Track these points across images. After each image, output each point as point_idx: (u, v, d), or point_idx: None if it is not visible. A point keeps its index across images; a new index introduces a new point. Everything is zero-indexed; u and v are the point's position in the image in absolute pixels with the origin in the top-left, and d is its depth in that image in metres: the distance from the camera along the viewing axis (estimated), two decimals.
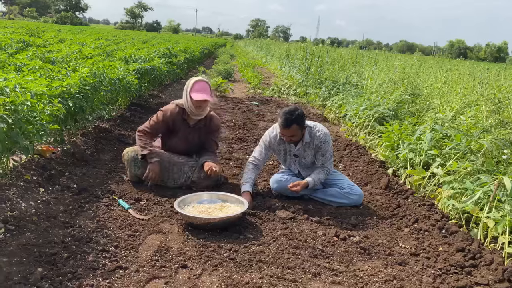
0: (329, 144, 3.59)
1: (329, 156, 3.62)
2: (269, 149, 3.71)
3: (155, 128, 3.78)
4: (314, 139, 3.56)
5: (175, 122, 3.77)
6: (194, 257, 2.58)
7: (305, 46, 14.01)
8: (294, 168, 3.76)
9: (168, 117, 3.75)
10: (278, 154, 3.77)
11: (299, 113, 3.38)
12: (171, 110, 3.76)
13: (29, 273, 2.23)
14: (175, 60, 10.90)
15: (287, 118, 3.35)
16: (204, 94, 3.59)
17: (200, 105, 3.64)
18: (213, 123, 3.86)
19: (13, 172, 3.32)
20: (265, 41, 37.07)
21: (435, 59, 15.99)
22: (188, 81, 3.72)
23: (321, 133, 3.56)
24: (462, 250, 2.79)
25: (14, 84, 2.98)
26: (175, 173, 3.74)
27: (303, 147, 3.60)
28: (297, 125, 3.39)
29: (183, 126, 3.79)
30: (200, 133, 3.84)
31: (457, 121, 5.04)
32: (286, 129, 3.40)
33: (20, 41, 10.10)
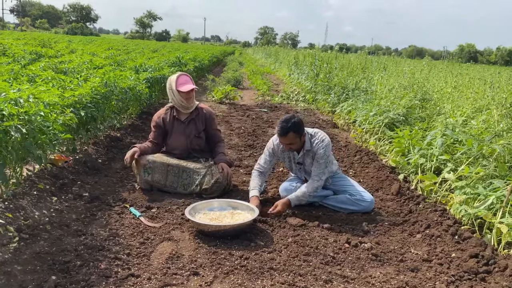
0: (325, 151, 3.44)
1: (324, 164, 3.46)
2: (274, 156, 3.71)
3: (155, 137, 4.02)
4: (313, 147, 3.51)
5: (167, 122, 3.99)
6: (206, 264, 2.59)
7: (313, 52, 14.00)
8: (301, 175, 3.75)
9: (158, 121, 3.99)
10: (283, 162, 3.78)
11: (295, 121, 3.34)
12: (159, 113, 4.05)
13: (43, 281, 2.26)
14: (184, 68, 10.99)
15: (283, 127, 3.33)
16: (190, 84, 3.86)
17: (189, 96, 3.86)
18: (204, 111, 4.03)
19: (27, 181, 3.37)
20: (274, 48, 37.18)
21: (445, 64, 15.89)
22: (168, 80, 3.95)
23: (319, 140, 3.48)
24: (475, 256, 2.76)
25: (28, 95, 3.03)
26: (185, 179, 3.77)
27: (304, 155, 3.58)
28: (294, 133, 3.35)
29: (176, 123, 3.97)
30: (196, 125, 3.95)
31: (468, 125, 5.00)
32: (283, 137, 3.39)
33: (33, 52, 10.26)
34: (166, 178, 3.78)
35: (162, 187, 3.78)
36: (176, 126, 3.97)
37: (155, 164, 3.77)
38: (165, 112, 4.03)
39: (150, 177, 3.75)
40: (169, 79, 3.94)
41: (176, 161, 3.83)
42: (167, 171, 3.77)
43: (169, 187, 3.78)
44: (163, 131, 4.01)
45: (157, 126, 4.00)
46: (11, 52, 9.50)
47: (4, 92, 2.94)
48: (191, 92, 3.85)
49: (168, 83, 3.92)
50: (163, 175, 3.77)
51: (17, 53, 9.39)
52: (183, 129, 3.93)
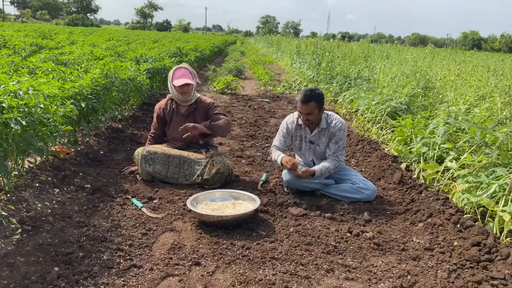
0: (344, 133, 3.63)
1: (342, 146, 3.64)
2: (288, 136, 3.75)
3: (157, 127, 4.07)
4: (330, 127, 3.61)
5: (167, 113, 4.01)
6: (207, 254, 2.60)
7: (315, 41, 13.93)
8: (309, 156, 3.74)
9: (160, 112, 4.03)
10: (295, 141, 3.79)
11: (318, 92, 3.49)
12: (160, 104, 4.08)
13: (46, 272, 2.27)
14: (185, 59, 10.94)
15: (307, 94, 3.45)
16: (185, 79, 3.80)
17: (184, 91, 3.83)
18: (204, 103, 3.99)
19: (29, 173, 3.38)
20: (275, 38, 36.97)
21: (448, 51, 15.77)
22: (169, 72, 3.95)
23: (338, 121, 3.64)
24: (477, 245, 2.76)
25: (27, 87, 3.02)
26: (186, 169, 3.77)
27: (319, 133, 3.64)
28: (316, 103, 3.46)
29: (176, 115, 3.98)
30: (195, 118, 3.94)
31: (471, 114, 4.97)
32: (304, 105, 3.46)
33: (33, 44, 10.23)
34: (168, 169, 3.78)
35: (163, 178, 3.79)
36: (175, 119, 3.97)
37: (156, 155, 3.77)
38: (165, 103, 4.05)
39: (151, 168, 3.76)
40: (170, 70, 3.96)
41: (177, 152, 3.83)
42: (168, 162, 3.78)
43: (171, 178, 3.78)
44: (164, 122, 4.05)
45: (158, 117, 4.05)
46: (11, 44, 9.48)
47: (4, 84, 2.93)
48: (185, 86, 3.81)
49: (168, 75, 3.96)
50: (165, 166, 3.77)
51: (17, 45, 9.37)
52: (181, 122, 3.88)
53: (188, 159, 3.78)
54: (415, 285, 2.38)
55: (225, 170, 3.73)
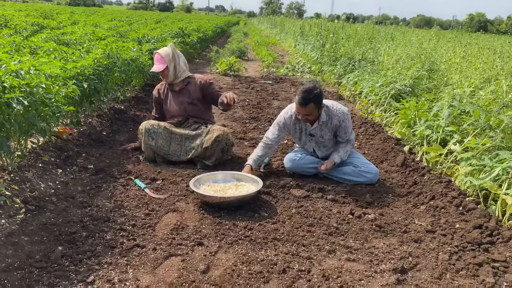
0: (349, 121, 3.57)
1: (351, 129, 3.64)
2: (283, 130, 3.66)
3: (156, 111, 4.19)
4: (332, 119, 3.51)
5: (161, 93, 4.11)
6: (210, 235, 2.62)
7: (319, 22, 13.75)
8: (309, 146, 3.73)
9: (155, 94, 4.15)
10: (294, 133, 3.74)
11: (317, 93, 3.29)
12: (156, 87, 4.20)
13: (50, 251, 2.29)
14: (188, 39, 10.85)
15: (305, 97, 3.28)
16: (155, 65, 3.89)
17: (163, 75, 3.94)
18: (197, 80, 4.02)
19: (32, 154, 3.38)
20: (279, 18, 36.53)
21: (454, 33, 15.53)
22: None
23: (339, 112, 3.51)
24: (479, 227, 2.76)
25: (29, 67, 3.00)
26: (187, 146, 3.82)
27: (319, 126, 3.56)
28: (314, 104, 3.32)
29: (170, 93, 4.06)
30: (189, 93, 3.98)
31: (476, 96, 4.92)
32: (303, 108, 3.34)
33: (35, 24, 10.15)
34: (169, 146, 3.82)
35: (165, 153, 3.80)
36: (171, 96, 4.05)
37: (159, 130, 3.81)
38: (161, 84, 4.17)
39: (154, 142, 3.77)
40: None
41: (180, 130, 3.87)
42: (171, 138, 3.83)
43: (172, 154, 3.82)
44: (161, 103, 4.12)
45: (155, 99, 4.16)
46: (13, 24, 9.40)
47: (5, 64, 2.91)
48: (160, 73, 3.91)
49: None
50: (167, 141, 3.82)
51: (19, 25, 9.29)
52: (176, 99, 4.00)
53: (189, 136, 3.84)
54: (416, 266, 2.40)
55: (224, 138, 3.73)
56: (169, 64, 3.89)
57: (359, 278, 2.25)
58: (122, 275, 2.17)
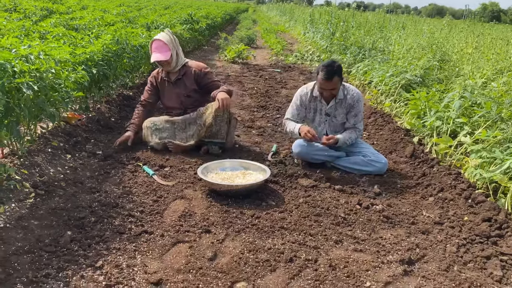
0: (362, 104, 3.60)
1: (361, 116, 3.63)
2: (301, 108, 3.69)
3: (147, 94, 3.98)
4: (347, 98, 3.57)
5: (158, 82, 3.95)
6: (217, 222, 2.62)
7: (330, 10, 13.57)
8: (323, 128, 3.70)
9: (152, 80, 3.97)
10: (308, 113, 3.73)
11: (339, 65, 3.42)
12: (153, 73, 4.00)
13: (59, 235, 2.32)
14: (196, 26, 10.78)
15: (330, 70, 3.36)
16: (158, 54, 3.68)
17: (161, 64, 3.77)
18: (192, 69, 3.86)
19: (41, 139, 3.40)
20: (289, 6, 36.13)
21: (466, 23, 15.27)
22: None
23: (355, 92, 3.59)
24: (488, 220, 2.74)
25: (38, 51, 3.00)
26: (191, 129, 3.77)
27: (335, 105, 3.59)
28: (338, 77, 3.41)
29: (166, 84, 3.92)
30: (185, 85, 3.86)
31: (487, 88, 4.85)
32: (329, 82, 3.40)
33: (44, 9, 10.13)
34: (175, 135, 3.78)
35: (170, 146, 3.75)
36: (167, 87, 3.93)
37: (161, 126, 3.76)
38: (157, 71, 3.99)
39: (158, 138, 3.73)
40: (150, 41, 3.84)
41: (180, 117, 3.83)
42: (174, 128, 3.78)
43: (180, 142, 3.76)
44: (156, 90, 3.99)
45: (151, 86, 3.98)
46: (22, 8, 9.39)
47: (15, 49, 2.91)
48: (160, 62, 3.74)
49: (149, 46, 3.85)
50: (171, 132, 3.77)
51: (28, 9, 9.29)
52: (172, 89, 3.89)
53: (191, 119, 3.78)
54: (424, 258, 2.39)
55: (225, 112, 3.68)
56: (173, 51, 3.74)
57: (366, 269, 2.25)
58: (130, 260, 2.19)
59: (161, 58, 3.69)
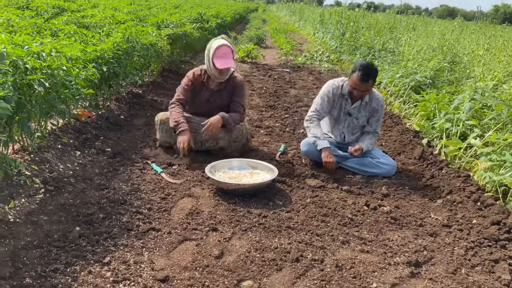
0: (383, 111, 3.66)
1: (381, 122, 3.70)
2: (330, 101, 3.63)
3: (184, 93, 3.69)
4: (373, 101, 3.58)
5: (198, 85, 3.71)
6: (225, 221, 2.63)
7: (340, 10, 13.53)
8: (342, 128, 3.69)
9: (193, 80, 3.70)
10: (333, 109, 3.68)
11: (376, 68, 3.46)
12: (195, 73, 3.72)
13: (68, 231, 2.34)
14: (206, 25, 10.80)
15: (367, 72, 3.36)
16: (227, 61, 3.48)
17: (223, 72, 3.55)
18: (234, 84, 3.70)
19: (51, 135, 3.44)
20: (298, 6, 36.08)
21: (478, 25, 15.15)
22: (209, 44, 3.59)
23: (379, 96, 3.63)
24: (497, 223, 2.72)
25: (50, 49, 3.02)
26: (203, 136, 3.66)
27: (359, 107, 3.60)
28: (373, 80, 3.44)
29: (203, 89, 3.71)
30: (222, 96, 3.70)
31: (498, 90, 4.81)
32: (364, 83, 3.39)
33: (56, 6, 10.22)
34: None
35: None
36: (203, 92, 3.71)
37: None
38: (199, 73, 3.72)
39: (166, 136, 3.69)
40: (211, 43, 3.59)
41: (197, 118, 3.72)
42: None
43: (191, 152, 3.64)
44: (193, 91, 3.73)
45: (191, 84, 3.70)
46: (34, 6, 9.48)
47: (27, 46, 2.94)
48: (226, 69, 3.54)
49: (208, 47, 3.58)
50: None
51: (40, 7, 9.37)
52: (208, 98, 3.70)
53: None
54: (431, 260, 2.38)
55: (242, 138, 3.70)
56: (235, 61, 3.57)
57: (372, 270, 2.25)
58: (137, 257, 2.20)
59: (232, 65, 3.50)
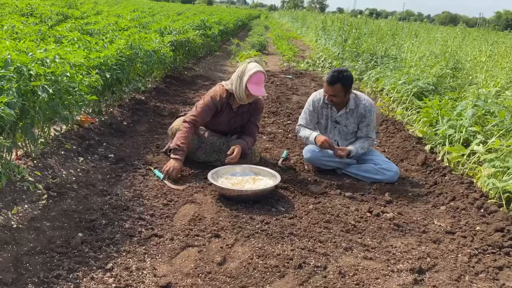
0: (373, 114, 3.59)
1: (373, 125, 3.62)
2: (313, 114, 3.68)
3: (204, 115, 3.51)
4: (359, 107, 3.55)
5: (222, 105, 3.56)
6: (227, 227, 2.63)
7: (342, 17, 13.59)
8: (333, 136, 3.70)
9: (218, 102, 3.52)
10: (320, 118, 3.71)
11: (347, 75, 3.40)
12: (221, 94, 3.53)
13: (70, 237, 2.34)
14: (209, 32, 10.86)
15: (334, 75, 3.37)
16: (262, 88, 3.41)
17: (253, 97, 3.48)
18: (256, 106, 3.67)
19: (54, 141, 3.45)
20: (301, 13, 36.23)
21: (480, 31, 15.14)
22: (244, 66, 3.45)
23: (367, 102, 3.57)
24: (501, 230, 2.70)
25: (54, 55, 3.05)
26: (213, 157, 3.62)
27: (346, 114, 3.58)
28: (341, 86, 3.38)
29: (226, 110, 3.59)
30: (243, 117, 3.67)
31: (501, 96, 4.80)
32: (330, 86, 3.40)
33: (59, 13, 10.29)
34: (194, 153, 3.60)
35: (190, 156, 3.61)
36: (226, 113, 3.59)
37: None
38: (225, 95, 3.54)
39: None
40: (245, 66, 3.44)
41: (210, 140, 3.63)
42: (199, 147, 3.60)
43: (196, 158, 3.63)
44: (215, 112, 3.57)
45: (214, 106, 3.51)
46: (38, 13, 9.56)
47: (31, 52, 2.96)
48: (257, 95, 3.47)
49: (241, 70, 3.42)
50: (192, 149, 3.56)
51: (44, 14, 9.44)
52: (230, 119, 3.62)
53: (218, 149, 3.61)
54: (435, 267, 2.36)
55: (255, 158, 3.70)
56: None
57: (375, 277, 2.23)
58: (140, 263, 2.20)
59: (264, 93, 3.46)
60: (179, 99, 6.02)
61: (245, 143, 3.54)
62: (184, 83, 7.18)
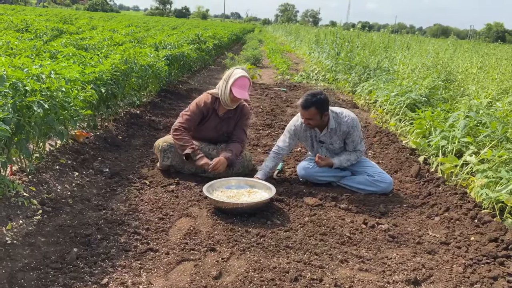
0: (357, 129, 3.52)
1: (359, 140, 3.57)
2: (294, 138, 3.66)
3: (190, 122, 3.66)
4: (341, 126, 3.50)
5: (208, 111, 3.69)
6: (223, 241, 2.63)
7: (335, 30, 13.75)
8: (321, 153, 3.72)
9: (203, 107, 3.66)
10: (305, 141, 3.73)
11: (321, 98, 3.34)
12: (205, 100, 3.68)
13: (65, 252, 2.33)
14: (203, 46, 10.94)
15: (307, 99, 3.33)
16: (245, 92, 3.52)
17: (237, 101, 3.60)
18: (242, 112, 3.79)
19: (49, 156, 3.45)
20: (294, 26, 36.63)
21: (471, 43, 15.39)
22: (230, 72, 3.60)
23: (348, 118, 3.50)
24: (495, 240, 2.72)
25: (49, 71, 3.07)
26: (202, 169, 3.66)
27: (329, 133, 3.56)
28: (316, 109, 3.34)
29: (212, 115, 3.71)
30: (229, 123, 3.77)
31: (493, 107, 4.87)
32: (304, 110, 3.37)
33: (55, 29, 10.36)
34: (184, 164, 3.68)
35: (180, 169, 3.73)
36: (212, 119, 3.72)
37: (176, 150, 3.65)
38: (210, 101, 3.69)
39: (169, 162, 3.68)
40: (231, 72, 3.60)
41: (202, 145, 3.72)
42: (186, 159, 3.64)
43: (187, 170, 3.71)
44: (201, 118, 3.71)
45: (199, 112, 3.67)
46: (33, 28, 9.61)
47: (27, 68, 2.98)
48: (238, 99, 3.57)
49: (227, 75, 3.59)
50: (182, 160, 3.64)
51: (39, 29, 9.50)
52: (216, 124, 3.73)
53: (208, 154, 3.67)
54: (430, 278, 2.37)
55: (244, 169, 3.73)
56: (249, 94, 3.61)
57: None
58: (135, 278, 2.19)
59: (247, 98, 3.55)
60: (174, 113, 6.04)
61: (231, 155, 3.57)
62: (179, 97, 7.22)
